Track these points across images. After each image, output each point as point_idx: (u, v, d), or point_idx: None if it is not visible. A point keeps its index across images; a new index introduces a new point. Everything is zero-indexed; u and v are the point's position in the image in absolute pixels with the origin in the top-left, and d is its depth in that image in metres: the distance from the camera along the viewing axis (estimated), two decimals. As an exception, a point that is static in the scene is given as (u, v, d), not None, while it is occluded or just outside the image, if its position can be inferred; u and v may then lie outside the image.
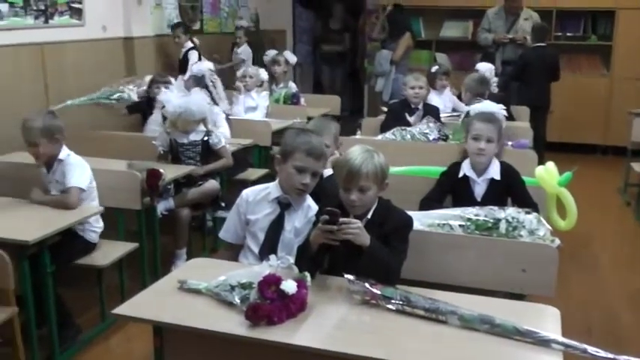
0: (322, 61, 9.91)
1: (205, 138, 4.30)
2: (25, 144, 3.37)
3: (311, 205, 2.66)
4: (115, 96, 4.71)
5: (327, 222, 2.25)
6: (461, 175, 3.29)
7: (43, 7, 5.06)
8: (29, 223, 3.09)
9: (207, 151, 4.32)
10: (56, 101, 5.08)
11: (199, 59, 6.16)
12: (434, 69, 5.78)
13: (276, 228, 2.62)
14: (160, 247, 3.97)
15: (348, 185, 2.37)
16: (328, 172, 3.14)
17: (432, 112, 4.78)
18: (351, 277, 2.18)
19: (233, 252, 2.74)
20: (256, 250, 2.63)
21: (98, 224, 3.50)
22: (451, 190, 3.32)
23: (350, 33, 9.86)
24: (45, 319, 3.13)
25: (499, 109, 3.83)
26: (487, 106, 3.90)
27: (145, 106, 5.17)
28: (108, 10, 5.83)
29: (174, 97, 4.27)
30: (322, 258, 2.37)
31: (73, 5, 5.37)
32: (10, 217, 3.25)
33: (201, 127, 4.32)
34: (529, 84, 6.51)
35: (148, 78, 5.29)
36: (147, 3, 6.29)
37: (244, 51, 7.52)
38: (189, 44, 6.49)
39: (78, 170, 3.37)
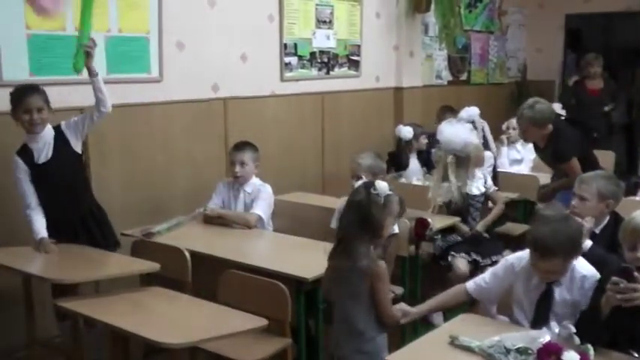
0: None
1: (484, 189, 4.22)
2: (350, 176, 3.73)
3: (587, 275, 2.47)
4: None
5: (622, 278, 2.12)
6: None
7: (326, 60, 5.51)
8: (307, 260, 3.25)
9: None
10: (331, 146, 5.50)
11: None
12: None
13: (545, 301, 2.49)
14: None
15: (634, 243, 2.24)
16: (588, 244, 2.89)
17: None
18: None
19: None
20: (524, 322, 2.53)
21: None
22: None
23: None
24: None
25: None
26: None
27: (401, 157, 5.32)
28: (382, 61, 6.15)
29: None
30: (605, 329, 2.20)
31: (352, 58, 5.77)
32: (289, 253, 3.52)
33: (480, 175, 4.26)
34: None
35: (408, 129, 5.40)
36: (418, 55, 6.51)
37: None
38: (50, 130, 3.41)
39: None
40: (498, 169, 5.25)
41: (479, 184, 4.21)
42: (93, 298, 2.98)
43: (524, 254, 2.60)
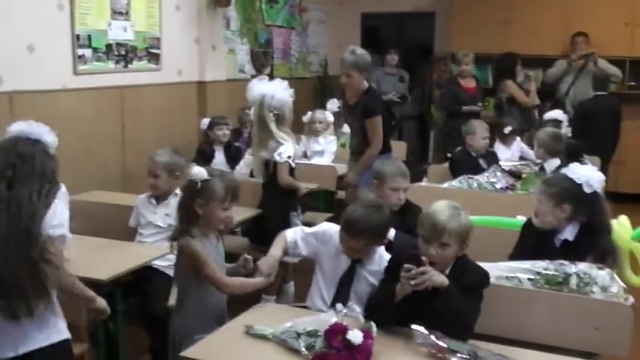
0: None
1: None
2: (147, 174, 3.63)
3: (383, 255, 2.65)
4: None
5: (412, 264, 2.27)
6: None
7: (123, 53, 5.31)
8: (104, 261, 3.18)
9: None
10: (133, 142, 5.33)
11: None
12: (507, 130, 5.59)
13: (347, 280, 2.62)
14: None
15: (430, 238, 2.36)
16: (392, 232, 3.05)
17: (491, 158, 4.79)
18: (418, 328, 2.17)
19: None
20: (326, 297, 2.64)
21: None
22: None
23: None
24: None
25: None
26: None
27: (208, 152, 5.35)
28: (184, 55, 6.06)
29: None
30: (398, 311, 2.35)
31: (152, 51, 5.62)
32: (86, 255, 3.35)
33: None
34: (589, 133, 5.93)
35: (205, 120, 5.50)
36: (221, 49, 6.51)
37: None
38: None
39: None
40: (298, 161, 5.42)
41: None
42: None
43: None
